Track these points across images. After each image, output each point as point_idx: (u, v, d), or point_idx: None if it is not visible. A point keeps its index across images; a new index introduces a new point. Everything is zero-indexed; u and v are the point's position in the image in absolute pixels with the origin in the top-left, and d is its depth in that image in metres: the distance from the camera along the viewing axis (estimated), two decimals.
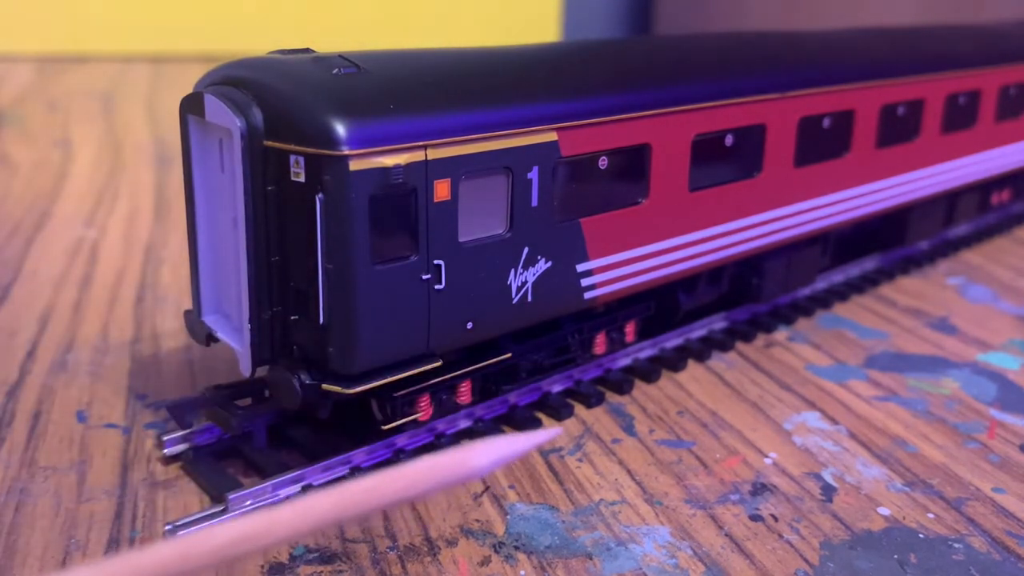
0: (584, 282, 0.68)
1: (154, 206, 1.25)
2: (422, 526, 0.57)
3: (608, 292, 0.71)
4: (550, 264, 0.65)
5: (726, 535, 0.58)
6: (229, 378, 0.68)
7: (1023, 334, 0.92)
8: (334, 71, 0.56)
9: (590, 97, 0.65)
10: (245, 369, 0.59)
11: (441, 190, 0.57)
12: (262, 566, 0.53)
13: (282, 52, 0.61)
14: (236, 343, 0.60)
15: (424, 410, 0.63)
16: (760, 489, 0.63)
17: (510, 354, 0.68)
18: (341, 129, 0.52)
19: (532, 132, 0.61)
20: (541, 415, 0.71)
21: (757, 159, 0.80)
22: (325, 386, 0.57)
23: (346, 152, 0.52)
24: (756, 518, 0.60)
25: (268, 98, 0.55)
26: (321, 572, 0.53)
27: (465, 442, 0.33)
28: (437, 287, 0.58)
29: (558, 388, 0.74)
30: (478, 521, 0.58)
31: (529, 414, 0.71)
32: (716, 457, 0.67)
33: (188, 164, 0.61)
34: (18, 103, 1.90)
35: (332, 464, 0.61)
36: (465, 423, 0.69)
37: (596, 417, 0.72)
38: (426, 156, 0.55)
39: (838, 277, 1.01)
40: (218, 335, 0.62)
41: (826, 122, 0.86)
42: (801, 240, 0.89)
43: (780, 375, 0.81)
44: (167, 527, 0.56)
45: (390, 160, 0.54)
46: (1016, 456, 0.69)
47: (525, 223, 0.63)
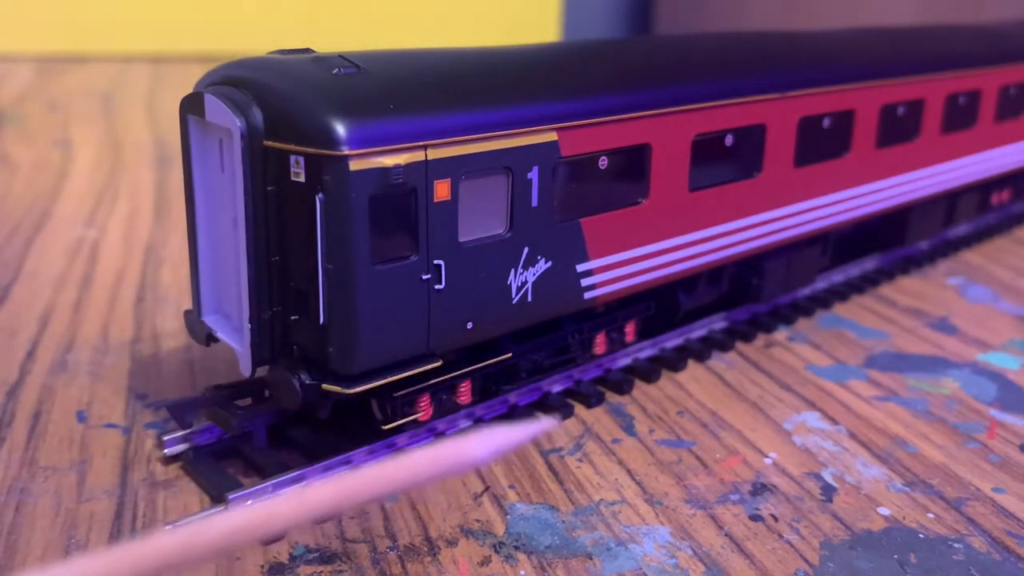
0: (584, 282, 0.69)
1: (154, 206, 1.25)
2: (422, 526, 0.57)
3: (608, 292, 0.71)
4: (550, 264, 0.65)
5: (726, 535, 0.58)
6: (229, 378, 0.68)
7: (1023, 334, 0.92)
8: (334, 71, 0.56)
9: (590, 97, 0.65)
10: (245, 369, 0.59)
11: (441, 190, 0.57)
12: (262, 566, 0.53)
13: (282, 52, 0.61)
14: (236, 343, 0.60)
15: (424, 410, 0.63)
16: (760, 489, 0.63)
17: (510, 354, 0.68)
18: (341, 129, 0.52)
19: (532, 132, 0.61)
20: (541, 415, 0.71)
21: (757, 159, 0.80)
22: (325, 386, 0.57)
23: (346, 152, 0.52)
24: (756, 518, 0.60)
25: (268, 98, 0.55)
26: (321, 572, 0.53)
27: (463, 432, 0.33)
28: (437, 287, 0.58)
29: (558, 388, 0.74)
30: (478, 521, 0.58)
31: (529, 414, 0.71)
32: (716, 457, 0.67)
33: (188, 164, 0.61)
34: (18, 103, 1.90)
35: (332, 464, 0.61)
36: (465, 423, 0.69)
37: (596, 417, 0.72)
38: (426, 156, 0.55)
39: (838, 277, 1.01)
40: (218, 335, 0.62)
41: (826, 122, 0.86)
42: (801, 240, 0.89)
43: (780, 375, 0.81)
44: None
45: (390, 160, 0.54)
46: (1016, 456, 0.69)
47: (525, 223, 0.63)
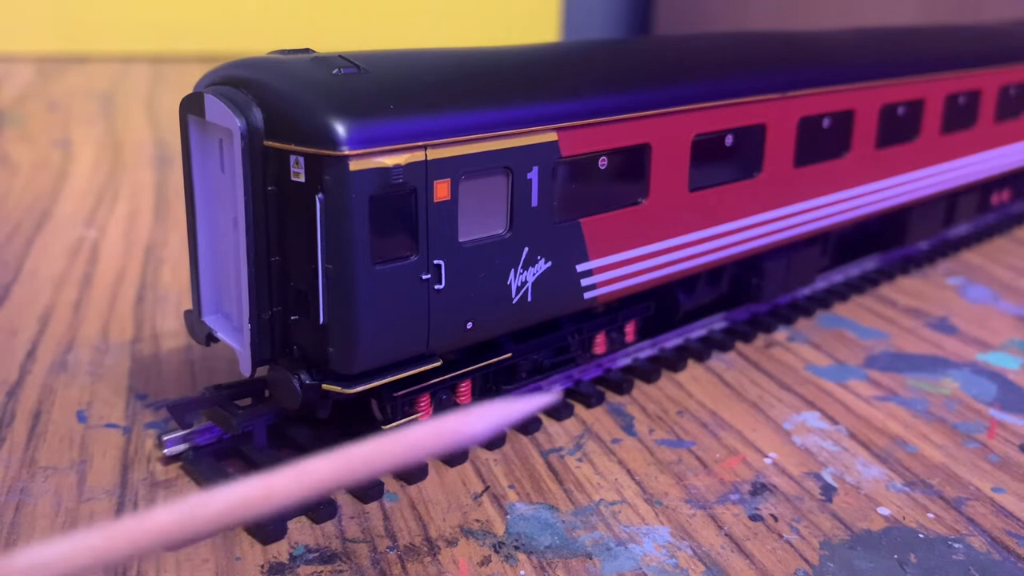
0: (584, 282, 0.69)
1: (154, 206, 1.25)
2: (422, 526, 0.57)
3: (608, 292, 0.71)
4: (550, 264, 0.65)
5: (726, 535, 0.58)
6: (229, 378, 0.68)
7: (1023, 334, 0.92)
8: (334, 71, 0.56)
9: (590, 97, 0.65)
10: (245, 369, 0.59)
11: (441, 190, 0.57)
12: (262, 566, 0.53)
13: (282, 52, 0.61)
14: (236, 343, 0.60)
15: (424, 410, 0.63)
16: (760, 489, 0.63)
17: (510, 354, 0.68)
18: (341, 129, 0.52)
19: (532, 132, 0.61)
20: (541, 415, 0.71)
21: (757, 159, 0.80)
22: (325, 386, 0.57)
23: (346, 152, 0.52)
24: (756, 518, 0.60)
25: (268, 98, 0.55)
26: (321, 572, 0.53)
27: (461, 409, 0.33)
28: (437, 287, 0.58)
29: (558, 388, 0.74)
30: (478, 521, 0.58)
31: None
32: (716, 457, 0.67)
33: (188, 164, 0.61)
34: (18, 103, 1.90)
35: None
36: None
37: (596, 417, 0.72)
38: (426, 156, 0.55)
39: (838, 277, 1.02)
40: (218, 335, 0.62)
41: (826, 122, 0.86)
42: (801, 240, 0.89)
43: (780, 375, 0.81)
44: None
45: (390, 160, 0.54)
46: (1016, 456, 0.69)
47: (525, 223, 0.63)
